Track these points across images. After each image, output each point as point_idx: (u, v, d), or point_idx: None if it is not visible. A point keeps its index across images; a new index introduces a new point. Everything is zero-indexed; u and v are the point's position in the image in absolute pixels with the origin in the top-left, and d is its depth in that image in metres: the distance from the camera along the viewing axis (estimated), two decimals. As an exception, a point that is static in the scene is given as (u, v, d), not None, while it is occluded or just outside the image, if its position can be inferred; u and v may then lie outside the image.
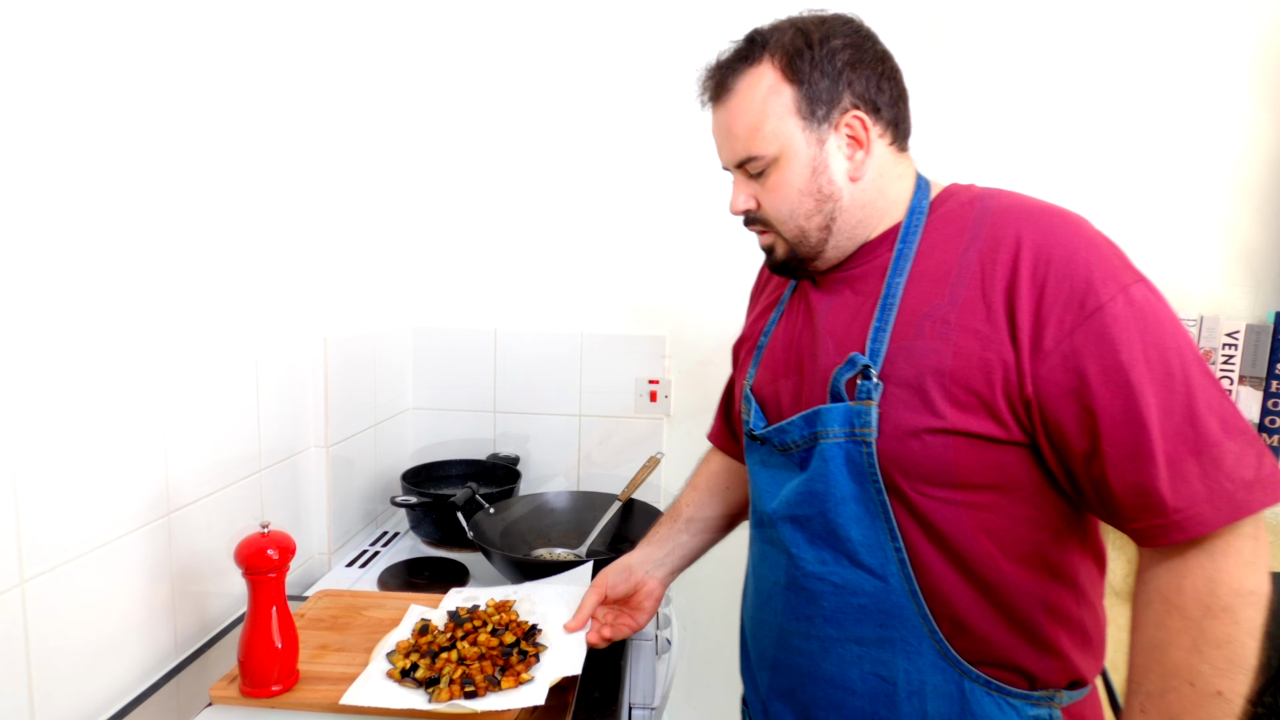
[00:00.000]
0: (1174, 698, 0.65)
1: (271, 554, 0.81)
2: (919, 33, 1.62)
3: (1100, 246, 0.71)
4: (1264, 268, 1.64)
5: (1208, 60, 1.60)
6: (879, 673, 0.78)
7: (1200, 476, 0.64)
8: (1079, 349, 0.67)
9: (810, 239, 0.81)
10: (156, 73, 0.88)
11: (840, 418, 0.75)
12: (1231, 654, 0.64)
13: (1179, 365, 0.66)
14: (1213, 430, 0.64)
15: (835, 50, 0.76)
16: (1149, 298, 0.69)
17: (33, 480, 0.72)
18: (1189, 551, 0.65)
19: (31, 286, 0.72)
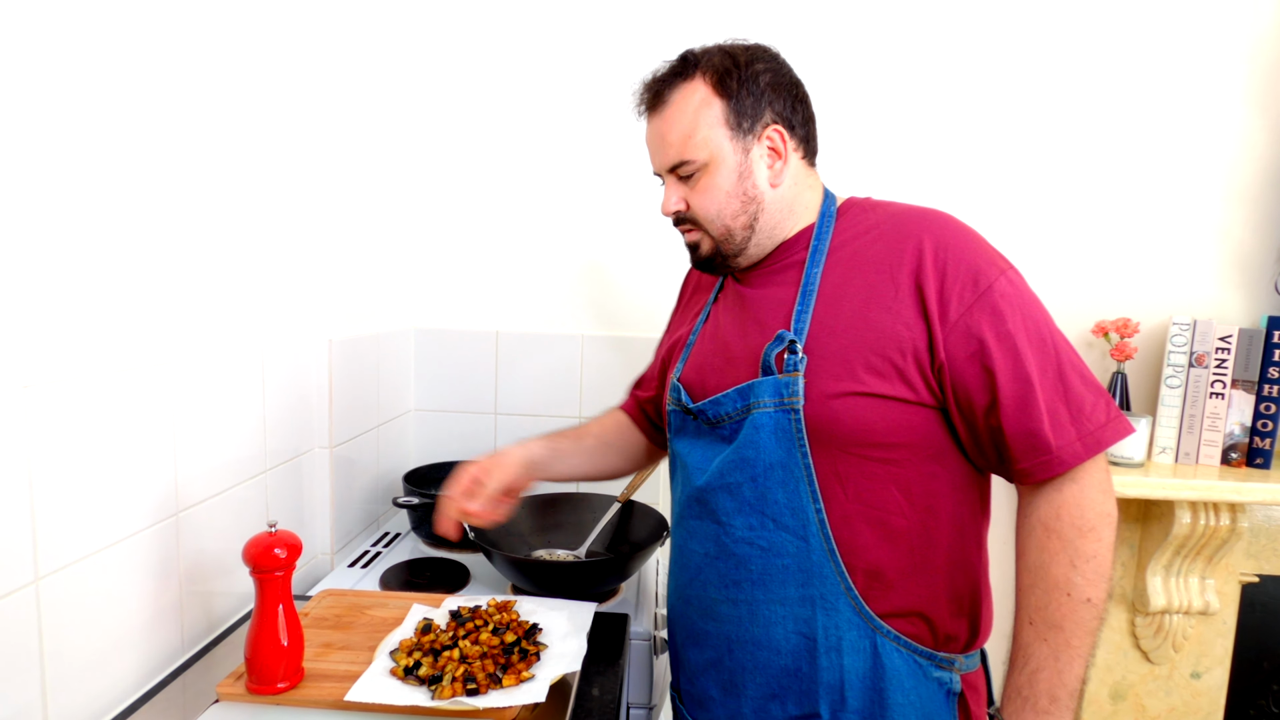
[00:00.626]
0: (1055, 607, 0.79)
1: (279, 553, 0.82)
2: (900, 45, 1.64)
3: (979, 240, 0.86)
4: (1258, 272, 1.66)
5: (1202, 65, 1.62)
6: (801, 630, 0.86)
7: (1071, 420, 0.78)
8: (977, 320, 0.80)
9: (735, 237, 0.91)
10: (170, 89, 0.90)
11: (770, 389, 0.85)
12: (1098, 566, 0.78)
13: (1048, 333, 0.81)
14: (1076, 383, 0.79)
15: (759, 72, 0.88)
16: (1018, 280, 0.84)
17: (47, 480, 0.74)
18: (1063, 484, 0.79)
19: (46, 292, 0.73)
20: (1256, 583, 1.65)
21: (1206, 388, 1.50)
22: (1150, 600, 1.57)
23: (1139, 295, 1.67)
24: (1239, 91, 1.62)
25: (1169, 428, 1.53)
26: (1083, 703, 1.66)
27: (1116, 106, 1.63)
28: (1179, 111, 1.63)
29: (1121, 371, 1.60)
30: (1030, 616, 0.81)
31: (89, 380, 0.79)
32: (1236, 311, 1.66)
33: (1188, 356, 1.51)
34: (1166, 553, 1.54)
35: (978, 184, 1.66)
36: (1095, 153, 1.65)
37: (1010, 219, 1.67)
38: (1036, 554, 0.81)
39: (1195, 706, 1.66)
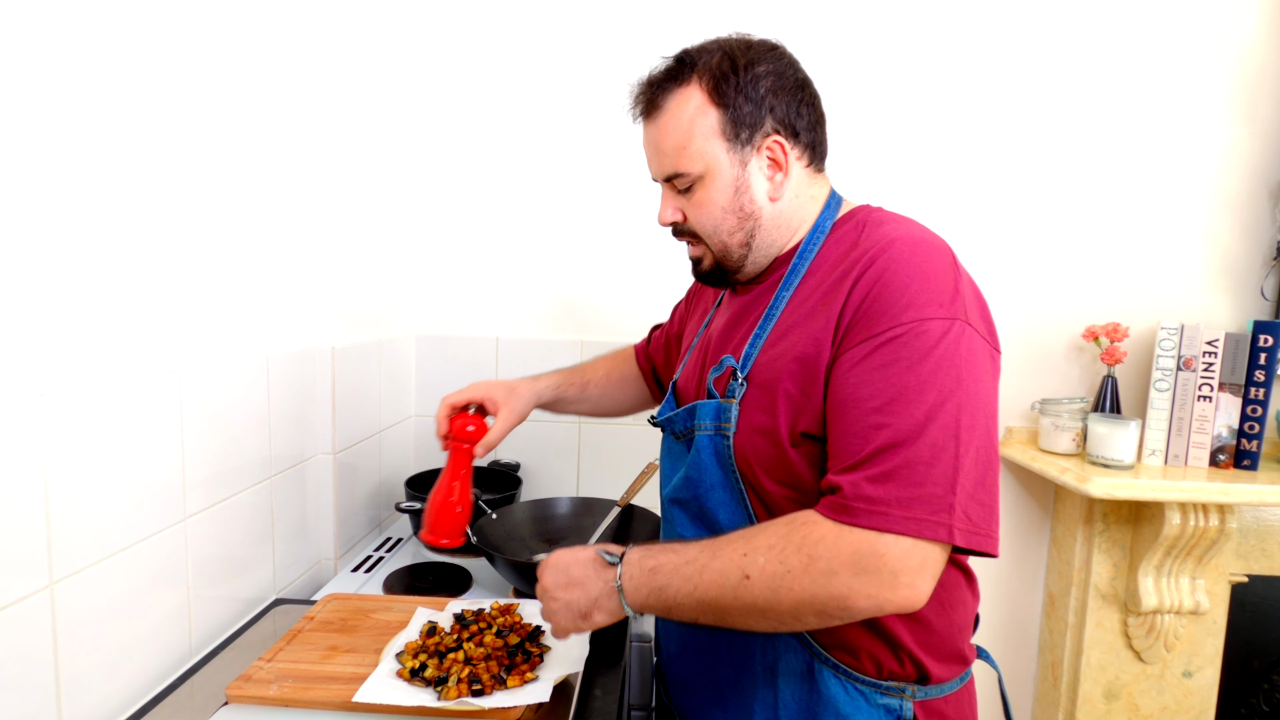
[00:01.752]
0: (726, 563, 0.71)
1: (470, 429, 1.04)
2: (900, 43, 1.66)
3: (934, 280, 0.73)
4: (1244, 277, 1.69)
5: (1189, 75, 1.65)
6: (741, 646, 0.86)
7: (898, 484, 0.67)
8: (862, 345, 0.72)
9: (733, 254, 0.87)
10: (177, 103, 0.92)
11: (710, 413, 0.84)
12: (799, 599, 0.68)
13: (949, 405, 0.68)
14: (944, 466, 0.67)
15: (759, 76, 0.81)
16: (956, 335, 0.70)
17: (62, 486, 0.76)
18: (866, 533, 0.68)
19: (61, 304, 0.75)
20: (1246, 582, 1.67)
21: (1195, 391, 1.53)
22: (1142, 600, 1.59)
23: (1128, 300, 1.70)
24: (1225, 100, 1.65)
25: (1158, 430, 1.56)
26: (1077, 703, 1.68)
27: (1105, 115, 1.66)
28: (1167, 120, 1.66)
29: (1112, 375, 1.62)
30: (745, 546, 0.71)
31: (101, 388, 0.81)
32: (1224, 316, 1.70)
33: (1176, 360, 1.54)
34: (1157, 553, 1.56)
35: (968, 192, 1.69)
36: (1084, 161, 1.68)
37: (1001, 226, 1.70)
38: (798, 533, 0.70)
39: (1187, 705, 1.68)
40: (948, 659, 0.84)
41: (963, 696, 0.86)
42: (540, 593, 0.83)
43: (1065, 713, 1.71)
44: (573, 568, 0.81)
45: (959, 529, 0.66)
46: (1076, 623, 1.69)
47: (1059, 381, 1.73)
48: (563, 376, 1.21)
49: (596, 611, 0.78)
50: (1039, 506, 1.78)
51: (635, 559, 0.77)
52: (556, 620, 0.81)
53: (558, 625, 0.81)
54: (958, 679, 0.85)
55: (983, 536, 0.67)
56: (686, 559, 0.73)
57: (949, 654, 0.84)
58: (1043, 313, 1.71)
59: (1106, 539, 1.65)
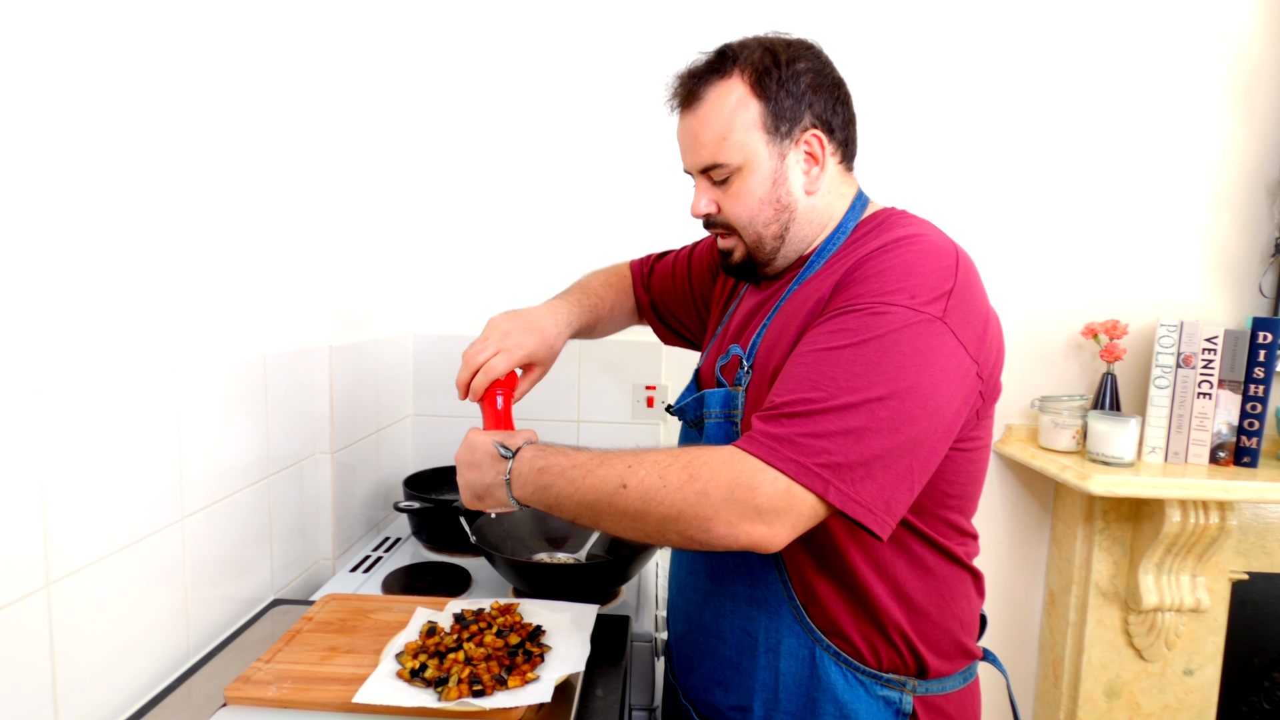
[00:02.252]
0: (625, 474, 0.73)
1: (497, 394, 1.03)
2: (896, 41, 1.66)
3: (914, 273, 0.74)
4: (1242, 274, 1.69)
5: (1186, 72, 1.65)
6: (744, 627, 0.88)
7: (813, 436, 0.68)
8: (818, 324, 0.75)
9: (766, 246, 0.88)
10: (174, 100, 0.91)
11: (719, 400, 0.87)
12: (666, 514, 0.71)
13: (899, 393, 0.69)
14: (866, 439, 0.68)
15: (799, 72, 0.83)
16: (923, 334, 0.70)
17: (58, 486, 0.75)
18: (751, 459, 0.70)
19: (57, 302, 0.74)
20: (1246, 580, 1.67)
21: (1194, 388, 1.53)
22: (1143, 598, 1.59)
23: (1126, 298, 1.70)
24: (1222, 97, 1.65)
25: (1158, 427, 1.56)
26: (1078, 701, 1.68)
27: (1102, 112, 1.66)
28: (1164, 117, 1.66)
29: (1111, 373, 1.62)
30: (633, 459, 0.75)
31: (97, 387, 0.80)
32: (1222, 313, 1.70)
33: (1175, 357, 1.54)
34: (1158, 551, 1.56)
35: (966, 190, 1.69)
36: (1082, 158, 1.68)
37: (999, 224, 1.70)
38: (689, 454, 0.73)
39: (1188, 703, 1.68)
40: (949, 653, 0.84)
41: (966, 696, 0.86)
42: (457, 461, 0.90)
43: (1066, 711, 1.71)
44: (477, 451, 0.88)
45: (837, 489, 0.67)
46: (1077, 621, 1.69)
47: (1058, 379, 1.73)
48: (583, 314, 1.16)
49: (488, 497, 0.86)
50: (1038, 504, 1.77)
51: (527, 456, 0.82)
52: (462, 493, 0.89)
53: (463, 497, 0.89)
54: (960, 676, 0.86)
55: (863, 509, 0.68)
56: (575, 463, 0.78)
57: (950, 648, 0.85)
58: (1041, 310, 1.71)
59: (1107, 537, 1.65)
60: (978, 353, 0.75)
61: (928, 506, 0.82)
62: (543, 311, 1.08)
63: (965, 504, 0.85)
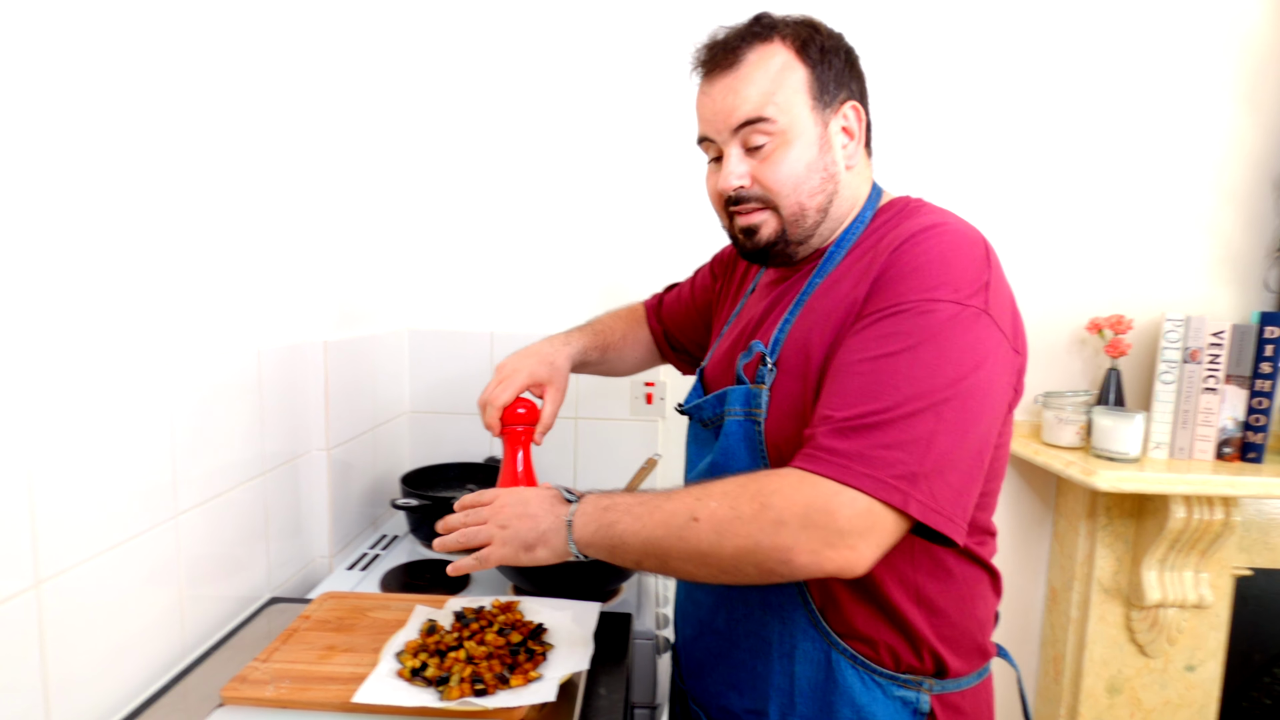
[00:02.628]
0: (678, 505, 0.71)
1: (520, 411, 1.05)
2: (898, 34, 1.64)
3: (953, 265, 0.71)
4: (1248, 268, 1.68)
5: (1191, 65, 1.64)
6: (758, 631, 0.85)
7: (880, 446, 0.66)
8: (869, 319, 0.72)
9: (808, 219, 0.82)
10: (166, 90, 0.89)
11: (741, 398, 0.83)
12: (743, 546, 0.67)
13: (946, 391, 0.66)
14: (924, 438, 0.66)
15: (840, 45, 0.83)
16: (966, 325, 0.69)
17: (47, 482, 0.73)
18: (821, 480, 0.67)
19: (45, 293, 0.72)
20: (1249, 576, 1.67)
21: (1200, 383, 1.52)
22: (1145, 594, 1.58)
23: (1131, 292, 1.69)
24: (1228, 90, 1.64)
25: (1163, 423, 1.55)
26: (1079, 697, 1.67)
27: (1107, 106, 1.65)
28: (1169, 110, 1.65)
29: (1115, 368, 1.61)
30: (701, 492, 0.72)
31: (87, 381, 0.78)
32: (1227, 307, 1.69)
33: (1181, 352, 1.53)
34: (1161, 547, 1.55)
35: (969, 184, 1.68)
36: (1086, 152, 1.67)
37: (1002, 219, 1.68)
38: (764, 479, 0.70)
39: (1190, 699, 1.68)
40: (967, 653, 0.83)
41: (980, 692, 0.85)
42: (491, 514, 0.82)
43: (1068, 707, 1.70)
44: (532, 502, 0.82)
45: (917, 500, 0.65)
46: (1079, 617, 1.68)
47: (1061, 374, 1.72)
48: (587, 340, 1.17)
49: (541, 546, 0.79)
50: (1040, 500, 1.76)
51: (592, 498, 0.79)
52: (495, 548, 0.80)
53: (494, 553, 0.80)
54: (976, 674, 0.84)
55: (943, 518, 0.66)
56: (641, 500, 0.75)
57: (969, 648, 0.83)
58: (1044, 306, 1.70)
59: (1109, 533, 1.64)
60: (1017, 343, 0.74)
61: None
62: (546, 342, 1.13)
63: (987, 500, 0.82)
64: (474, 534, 0.82)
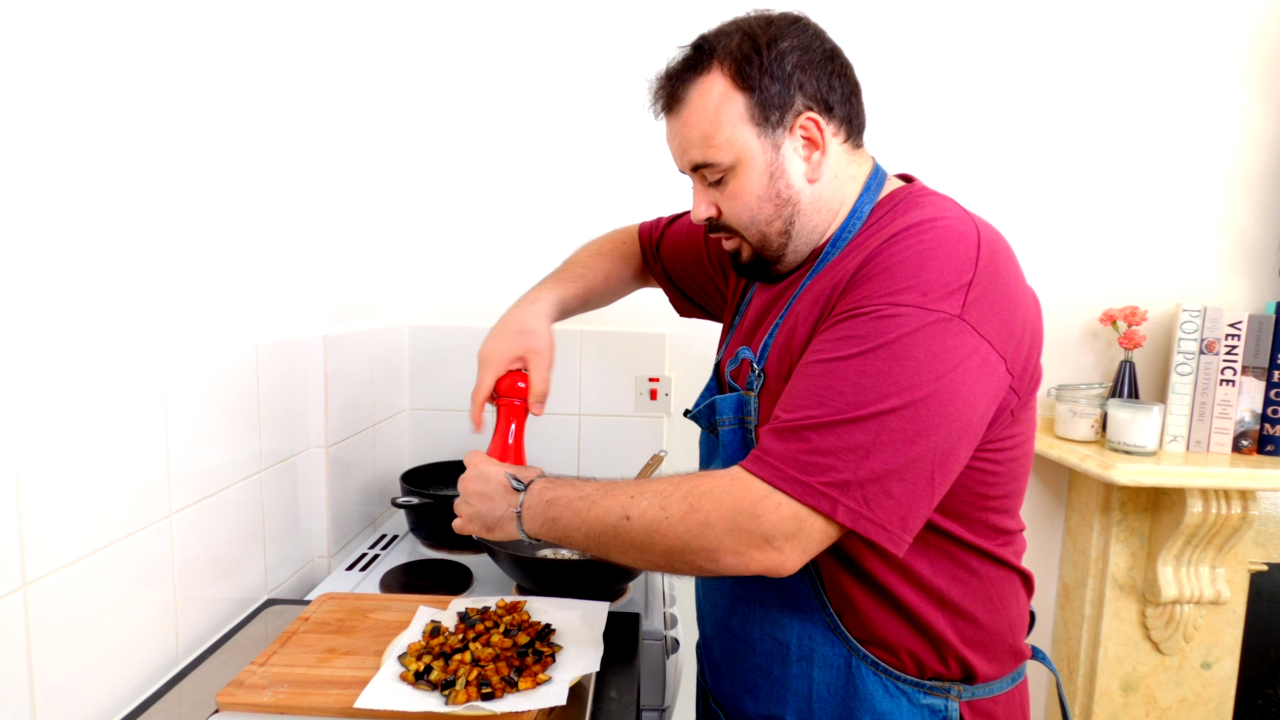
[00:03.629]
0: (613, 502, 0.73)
1: (520, 385, 1.00)
2: (913, 25, 1.62)
3: (928, 267, 0.67)
4: (1262, 258, 1.65)
5: (1204, 55, 1.61)
6: (774, 634, 0.83)
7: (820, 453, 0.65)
8: (825, 330, 0.71)
9: (772, 244, 0.82)
10: (160, 79, 0.86)
11: (732, 406, 0.83)
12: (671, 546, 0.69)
13: (888, 389, 0.64)
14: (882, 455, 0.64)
15: (784, 53, 0.76)
16: (934, 331, 0.65)
17: (35, 480, 0.69)
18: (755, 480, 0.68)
19: (34, 283, 0.69)
20: (1265, 571, 1.64)
21: (1217, 375, 1.49)
22: (1161, 591, 1.55)
23: (1143, 284, 1.66)
24: (1240, 80, 1.62)
25: (1180, 415, 1.52)
26: (1094, 695, 1.64)
27: (1121, 98, 1.63)
28: (1182, 100, 1.63)
29: (1129, 360, 1.58)
30: (636, 489, 0.73)
31: (78, 375, 0.75)
32: (1241, 298, 1.66)
33: (1198, 344, 1.50)
34: (1177, 542, 1.53)
35: (982, 176, 1.65)
36: (1099, 143, 1.64)
37: (1015, 210, 1.66)
38: (704, 479, 0.71)
39: (1206, 697, 1.65)
40: (998, 656, 0.80)
41: (1014, 698, 0.81)
42: (461, 487, 0.89)
43: (1082, 706, 1.67)
44: (490, 481, 0.86)
45: (846, 507, 0.64)
46: (1093, 614, 1.65)
47: (1072, 367, 1.69)
48: (564, 290, 1.09)
49: (499, 529, 0.84)
50: (1052, 495, 1.74)
51: (537, 489, 0.81)
52: (464, 523, 0.88)
53: (463, 525, 0.88)
54: (1009, 678, 0.81)
55: (875, 526, 0.64)
56: (581, 494, 0.77)
57: (999, 650, 0.80)
58: (1056, 297, 1.67)
59: (1124, 528, 1.61)
60: (1005, 347, 0.68)
61: (968, 512, 0.76)
62: (516, 308, 1.05)
63: (1009, 502, 0.79)
64: (456, 503, 0.90)
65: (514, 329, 1.01)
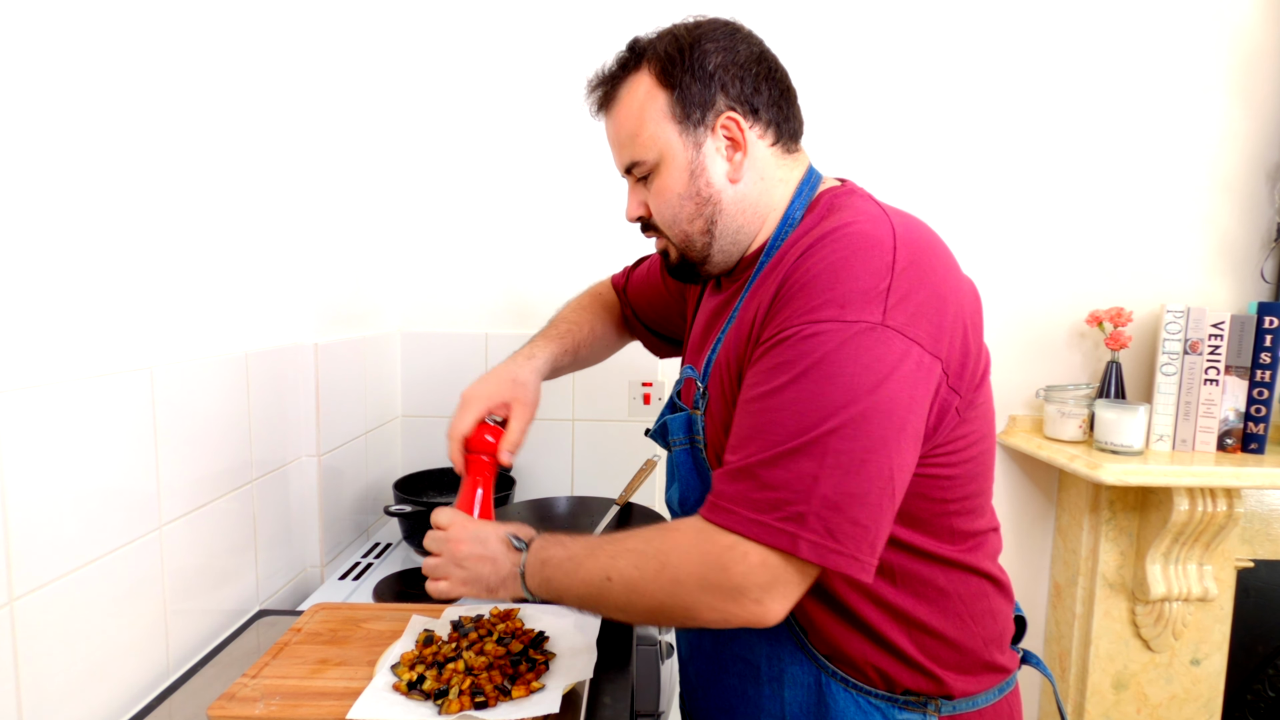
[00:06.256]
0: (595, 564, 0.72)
1: (489, 438, 0.96)
2: (882, 35, 1.63)
3: (841, 278, 0.66)
4: (1244, 259, 1.67)
5: (1184, 58, 1.63)
6: (745, 655, 0.83)
7: (759, 488, 0.64)
8: (755, 362, 0.69)
9: (695, 243, 0.82)
10: (149, 83, 0.85)
11: (682, 425, 0.82)
12: (651, 605, 0.69)
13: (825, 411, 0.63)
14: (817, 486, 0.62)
15: (707, 54, 0.77)
16: (845, 344, 0.64)
17: (21, 495, 0.69)
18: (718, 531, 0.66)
19: (19, 295, 0.69)
20: (1251, 568, 1.66)
21: (1201, 375, 1.51)
22: (1150, 588, 1.57)
23: (1129, 285, 1.68)
24: (1221, 83, 1.64)
25: (1165, 415, 1.54)
26: (1086, 694, 1.65)
27: (1103, 101, 1.64)
28: (1163, 103, 1.65)
29: (1116, 361, 1.60)
30: (615, 548, 0.72)
31: (64, 386, 0.74)
32: (1224, 299, 1.68)
33: (1182, 344, 1.52)
34: (1165, 540, 1.54)
35: (966, 180, 1.66)
36: (1082, 146, 1.66)
37: (999, 214, 1.67)
38: (660, 539, 0.70)
39: (1195, 693, 1.66)
40: (973, 671, 0.77)
41: (1002, 709, 0.79)
42: (447, 552, 0.83)
43: (1074, 704, 1.68)
44: (490, 543, 0.82)
45: (807, 541, 0.62)
46: (1084, 613, 1.67)
47: (1060, 368, 1.71)
48: (554, 347, 1.09)
49: (502, 589, 0.80)
50: (1043, 495, 1.75)
51: (535, 549, 0.79)
52: (455, 586, 0.82)
53: (453, 590, 0.82)
54: (995, 690, 0.79)
55: (844, 557, 0.62)
56: (569, 554, 0.76)
57: (974, 666, 0.77)
58: (1044, 299, 1.69)
59: (1113, 527, 1.62)
60: (936, 345, 0.67)
61: (929, 519, 0.74)
62: (511, 361, 1.03)
63: (972, 503, 0.77)
64: (434, 566, 0.84)
65: (507, 378, 1.00)
